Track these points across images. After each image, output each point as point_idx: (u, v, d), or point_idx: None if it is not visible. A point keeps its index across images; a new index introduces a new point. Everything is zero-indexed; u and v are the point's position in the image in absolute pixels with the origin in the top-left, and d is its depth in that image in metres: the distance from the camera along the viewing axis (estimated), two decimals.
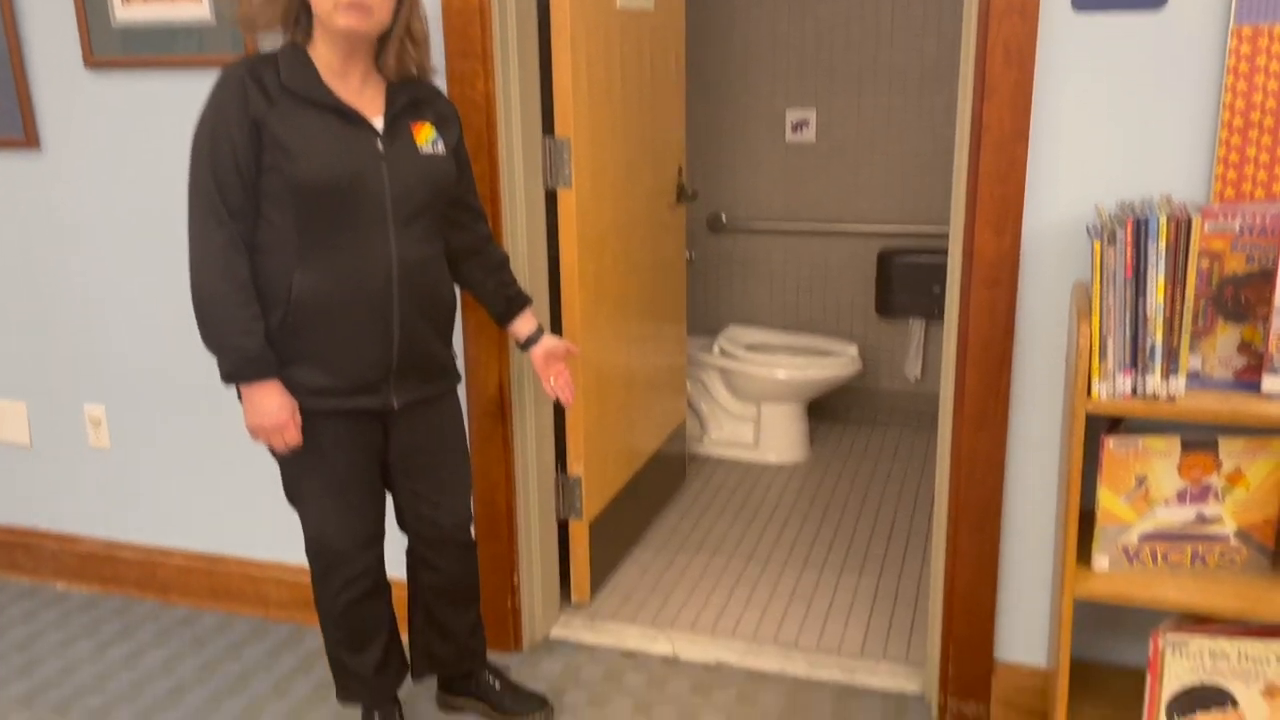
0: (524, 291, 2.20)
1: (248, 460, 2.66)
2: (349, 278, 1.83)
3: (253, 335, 1.81)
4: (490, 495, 2.46)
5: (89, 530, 2.89)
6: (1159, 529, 1.77)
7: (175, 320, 2.62)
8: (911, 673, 2.43)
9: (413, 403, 1.98)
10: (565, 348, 2.22)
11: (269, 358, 1.83)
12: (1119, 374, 1.70)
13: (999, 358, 2.03)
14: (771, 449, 3.81)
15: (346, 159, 1.79)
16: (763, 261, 4.22)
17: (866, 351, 4.16)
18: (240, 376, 1.83)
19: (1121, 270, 1.66)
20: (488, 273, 2.12)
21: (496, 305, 2.16)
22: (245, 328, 1.80)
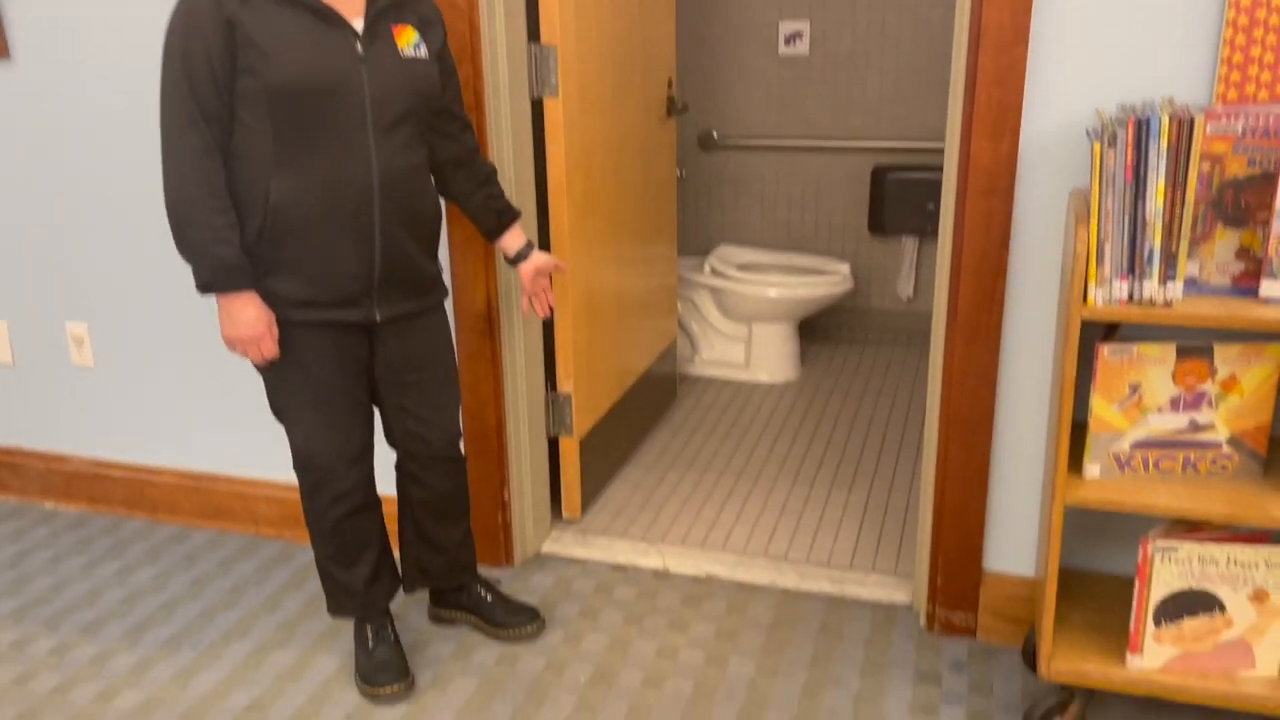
0: (513, 205, 2.15)
1: (235, 377, 2.63)
2: (328, 185, 1.78)
3: (228, 244, 1.77)
4: (479, 412, 2.45)
5: (76, 449, 2.87)
6: (1151, 436, 1.76)
7: (156, 235, 2.56)
8: (900, 584, 2.44)
9: (397, 317, 1.95)
10: (554, 264, 2.19)
11: (245, 267, 1.79)
12: (1115, 280, 1.67)
13: (994, 268, 2.00)
14: (762, 368, 3.80)
15: (323, 61, 1.73)
16: (754, 179, 4.16)
17: (859, 270, 4.13)
18: (216, 286, 1.79)
19: (1121, 173, 1.62)
20: (475, 185, 2.07)
21: (485, 219, 2.11)
22: (220, 236, 1.76)
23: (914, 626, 2.29)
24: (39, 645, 2.30)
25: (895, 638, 2.25)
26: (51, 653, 2.27)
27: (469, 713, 2.05)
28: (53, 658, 2.26)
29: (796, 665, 2.16)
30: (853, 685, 2.10)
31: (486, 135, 2.26)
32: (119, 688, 2.15)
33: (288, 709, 2.07)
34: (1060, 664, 1.84)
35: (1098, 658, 1.85)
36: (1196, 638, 1.78)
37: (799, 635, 2.26)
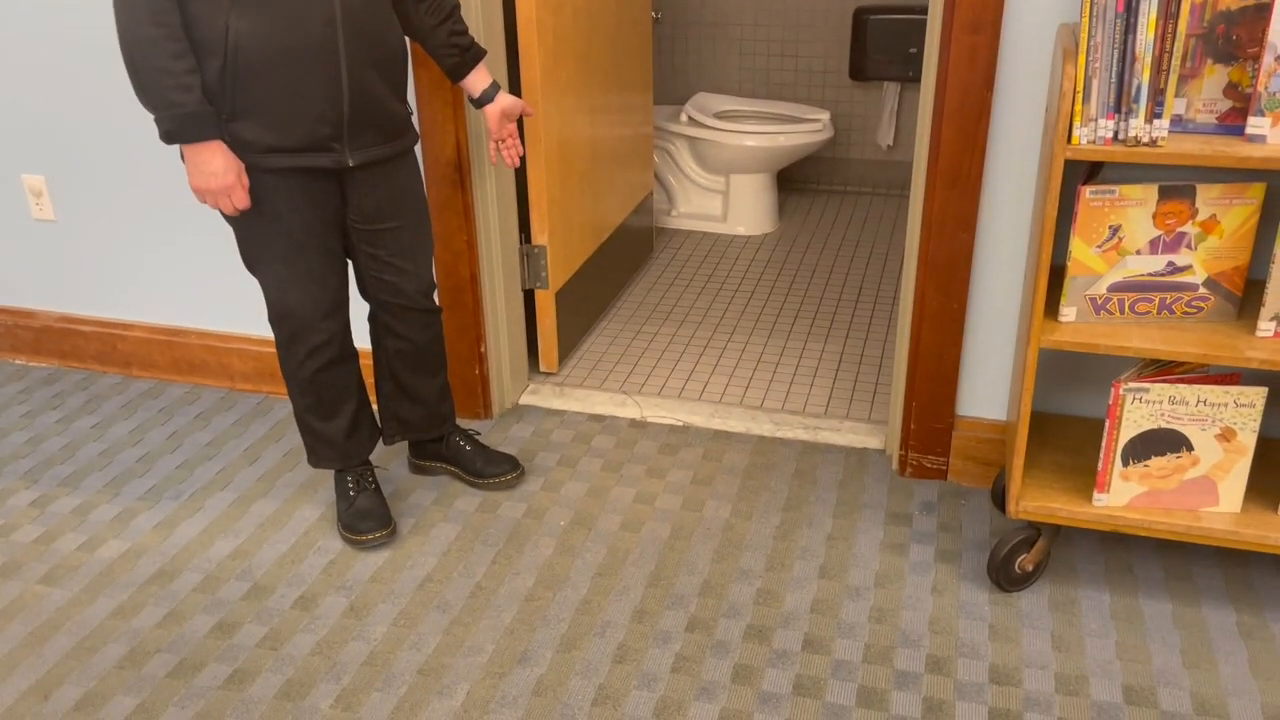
0: (477, 43, 2.06)
1: (202, 229, 2.57)
2: (289, 22, 1.70)
3: (190, 90, 1.69)
4: (452, 264, 2.41)
5: (43, 305, 2.82)
6: (1128, 278, 1.76)
7: (113, 80, 2.45)
8: (874, 430, 2.48)
9: (369, 162, 1.89)
10: (522, 107, 2.11)
11: (209, 114, 1.72)
12: (1101, 118, 1.63)
13: (977, 109, 1.95)
14: (740, 221, 3.75)
15: None
16: (733, 23, 4.01)
17: (838, 119, 4.04)
18: (180, 136, 1.72)
19: (1113, 4, 1.57)
20: (438, 19, 1.97)
21: (448, 57, 2.02)
22: (181, 82, 1.68)
23: (886, 470, 2.33)
24: (20, 498, 2.31)
25: (868, 481, 2.29)
26: (32, 505, 2.29)
27: (451, 557, 2.09)
28: (34, 509, 2.27)
29: (770, 508, 2.21)
30: (825, 526, 2.15)
31: None
32: (103, 537, 2.17)
33: (271, 555, 2.11)
34: (1028, 502, 1.88)
35: (1065, 496, 1.89)
36: (1162, 475, 1.82)
37: (773, 480, 2.30)
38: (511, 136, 2.11)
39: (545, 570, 2.05)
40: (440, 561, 2.08)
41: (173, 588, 2.02)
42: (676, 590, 1.98)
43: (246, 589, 2.02)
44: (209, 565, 2.08)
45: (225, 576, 2.05)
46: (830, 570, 2.03)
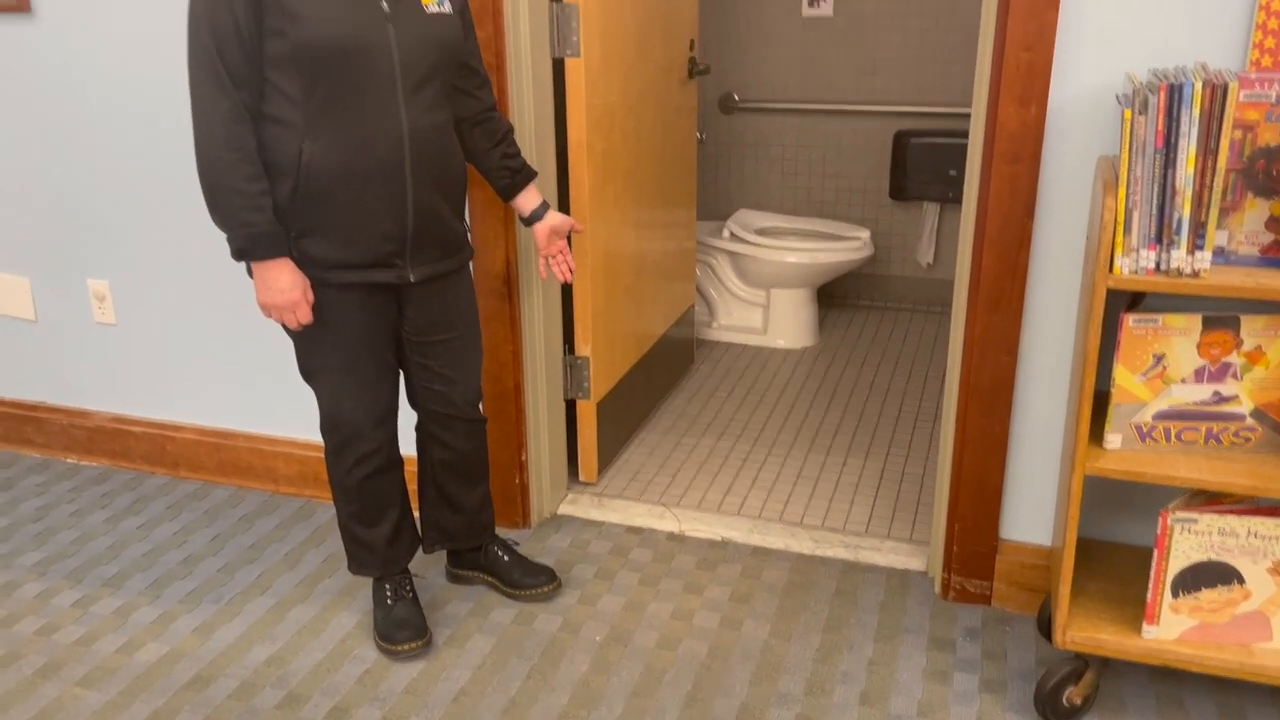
0: (529, 164, 2.14)
1: (255, 335, 2.64)
2: (360, 146, 1.78)
3: (261, 211, 1.76)
4: (498, 374, 2.45)
5: (98, 405, 2.90)
6: (1174, 407, 1.75)
7: (178, 192, 2.56)
8: (916, 551, 2.45)
9: (429, 277, 1.95)
10: (570, 224, 2.18)
11: (279, 234, 1.79)
12: (1143, 249, 1.65)
13: (1018, 236, 1.98)
14: (780, 334, 3.79)
15: (351, 20, 1.72)
16: (775, 143, 4.12)
17: (879, 236, 4.10)
18: (251, 254, 1.79)
19: (1152, 139, 1.60)
20: (492, 143, 2.06)
21: (500, 177, 2.10)
22: (254, 203, 1.76)
23: (929, 593, 2.29)
24: (64, 598, 2.34)
25: (910, 604, 2.26)
26: (75, 605, 2.31)
27: (486, 670, 2.07)
28: (76, 610, 2.29)
29: (810, 629, 2.18)
30: (866, 650, 2.11)
31: (507, 95, 2.25)
32: (142, 640, 2.18)
33: (307, 663, 2.10)
34: (1076, 632, 1.84)
35: (1113, 627, 1.85)
36: (1213, 609, 1.78)
37: (813, 600, 2.27)
38: (561, 252, 2.17)
39: (580, 688, 2.02)
40: (475, 675, 2.06)
41: (208, 694, 2.02)
42: (714, 714, 1.95)
43: (281, 697, 2.01)
44: (245, 672, 2.08)
45: (261, 684, 2.05)
46: (872, 697, 1.98)
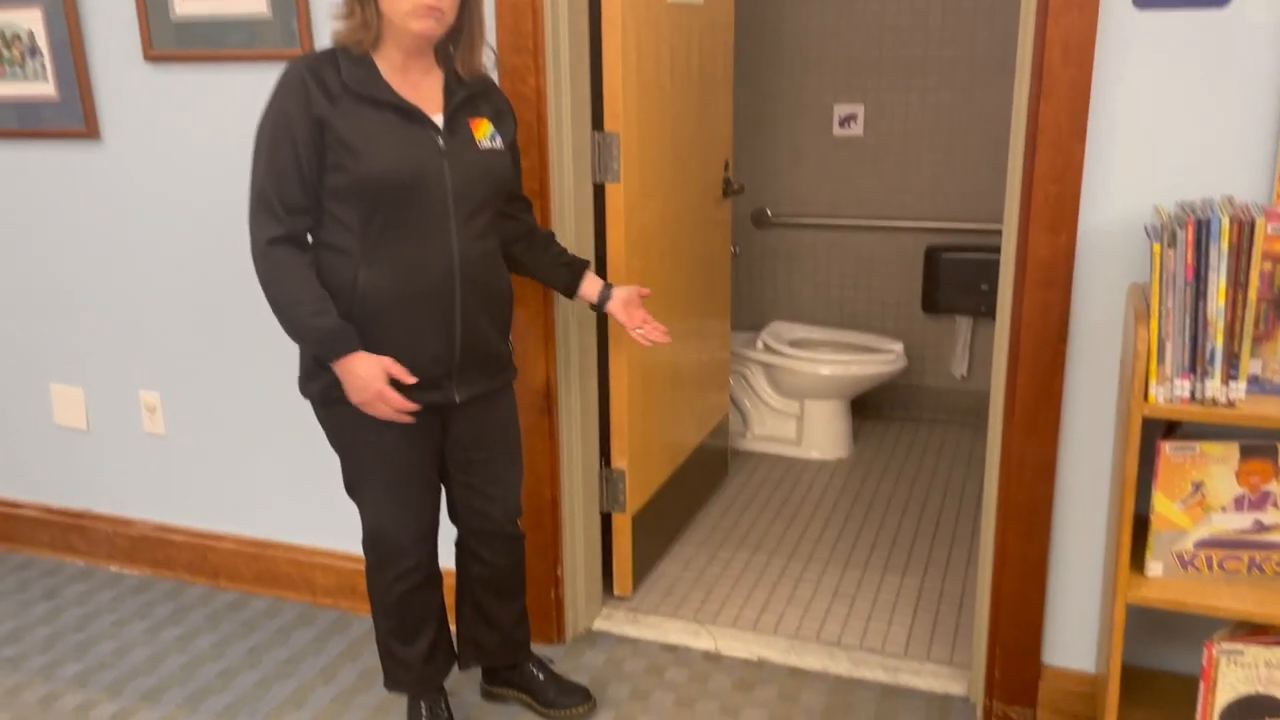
0: (579, 256, 2.22)
1: (297, 447, 2.69)
2: (412, 273, 1.85)
3: (326, 314, 1.82)
4: (535, 487, 2.48)
5: (142, 513, 2.95)
6: (1215, 536, 1.75)
7: (230, 310, 2.66)
8: (956, 675, 2.41)
9: (474, 397, 2.00)
10: (638, 290, 2.23)
11: (348, 331, 1.83)
12: (1177, 378, 1.67)
13: (1051, 360, 2.01)
14: (814, 445, 3.80)
15: (409, 156, 1.81)
16: (808, 256, 4.20)
17: (912, 348, 4.13)
18: (327, 354, 1.84)
19: (1182, 273, 1.64)
20: (541, 250, 2.15)
21: (559, 276, 2.17)
22: (316, 308, 1.82)
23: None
24: (102, 710, 2.35)
25: None
26: (113, 718, 2.32)
27: None
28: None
29: None
30: None
31: (550, 219, 2.33)
32: None
33: None
34: None
35: None
36: None
37: None
38: (645, 321, 2.20)
39: None
40: None
41: None
42: None
43: None
44: None
45: None
46: None
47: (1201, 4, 1.81)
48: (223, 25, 2.44)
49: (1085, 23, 1.87)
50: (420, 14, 1.77)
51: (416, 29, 1.78)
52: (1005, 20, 3.72)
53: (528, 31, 2.22)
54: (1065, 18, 1.88)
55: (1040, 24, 1.91)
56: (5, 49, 2.67)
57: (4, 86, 2.69)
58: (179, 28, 2.48)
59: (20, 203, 2.79)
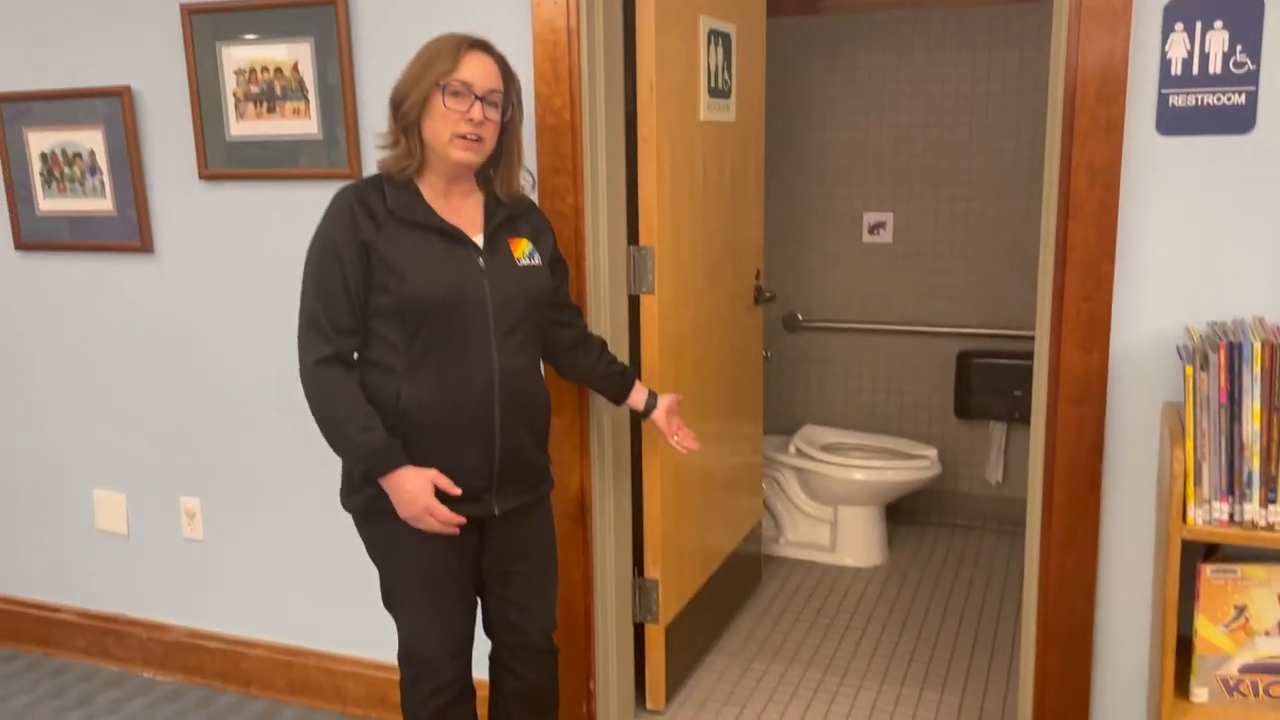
0: (627, 366, 2.31)
1: (333, 558, 2.71)
2: (454, 389, 1.90)
3: (373, 430, 1.86)
4: (569, 598, 2.48)
5: (177, 619, 2.96)
6: (1260, 660, 1.71)
7: (272, 419, 2.71)
8: None
9: (512, 509, 2.02)
10: (677, 400, 2.32)
11: (394, 445, 1.87)
12: (1215, 500, 1.67)
13: (1088, 477, 2.00)
14: (849, 552, 3.76)
15: (451, 277, 1.87)
16: (839, 360, 4.22)
17: (945, 454, 4.10)
18: (375, 470, 1.87)
19: (1215, 395, 1.64)
20: (595, 359, 2.21)
21: (610, 384, 2.24)
22: (364, 424, 1.86)
23: None
24: None
25: None
26: None
27: None
28: None
29: None
30: None
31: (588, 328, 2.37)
32: None
33: None
34: None
35: None
36: None
37: None
38: (681, 429, 2.29)
39: None
40: None
41: None
42: None
43: None
44: None
45: None
46: None
47: (1225, 130, 1.85)
48: (275, 145, 2.55)
49: (1110, 147, 1.92)
50: (461, 144, 1.85)
51: (457, 158, 1.86)
52: (1031, 130, 3.79)
53: (567, 153, 2.30)
54: (1091, 142, 1.93)
55: (1066, 147, 1.96)
56: (67, 166, 2.79)
57: (63, 201, 2.81)
58: (232, 147, 2.59)
59: (71, 311, 2.88)
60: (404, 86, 1.87)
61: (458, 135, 1.84)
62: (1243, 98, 1.84)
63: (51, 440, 3.00)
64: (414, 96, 1.85)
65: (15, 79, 2.77)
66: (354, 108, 2.44)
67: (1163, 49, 1.88)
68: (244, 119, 2.56)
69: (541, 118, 2.29)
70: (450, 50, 1.85)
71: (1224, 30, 1.83)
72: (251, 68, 2.52)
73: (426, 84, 1.84)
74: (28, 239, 2.87)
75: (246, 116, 2.56)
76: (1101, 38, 1.89)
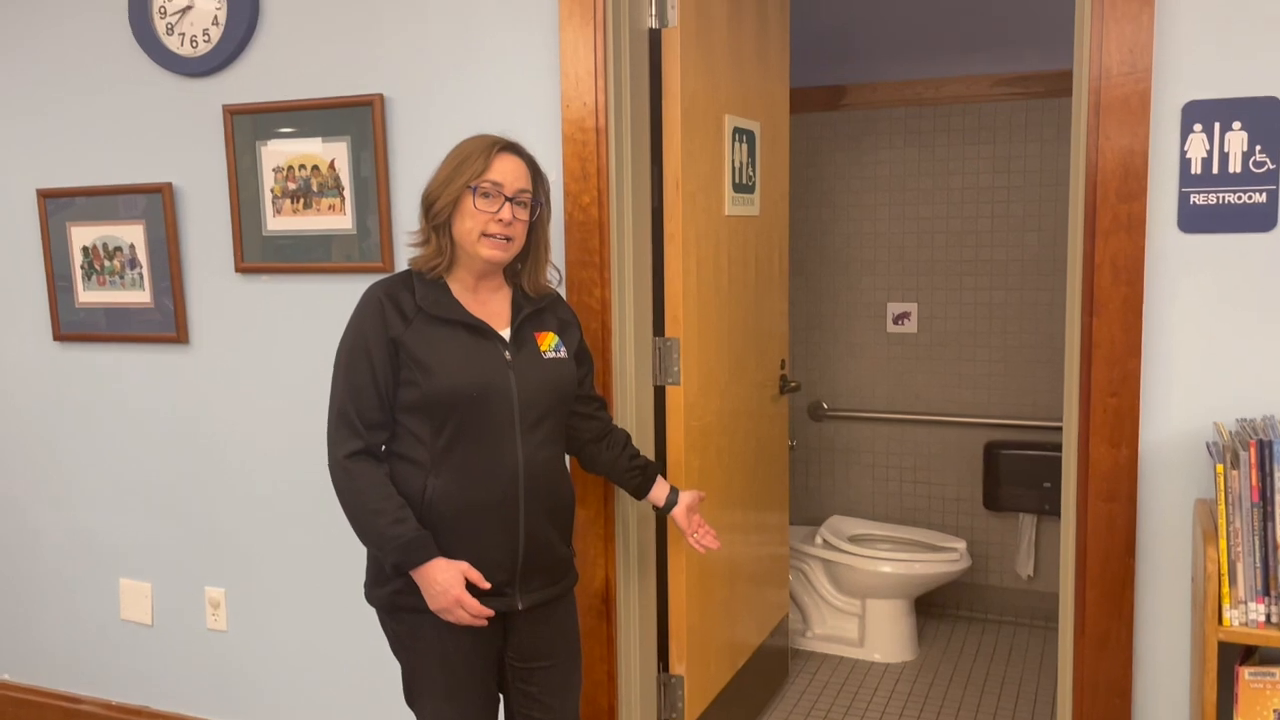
0: (650, 460, 2.28)
1: (353, 650, 2.69)
2: (479, 482, 1.91)
3: (404, 523, 1.86)
4: (592, 694, 2.44)
5: (199, 710, 2.94)
6: None
7: (298, 511, 2.72)
8: None
9: (536, 604, 2.01)
10: (699, 496, 2.28)
11: (426, 538, 1.87)
12: (1251, 601, 1.64)
13: (1120, 575, 1.97)
14: (877, 647, 3.69)
15: (478, 371, 1.90)
16: (865, 450, 4.20)
17: (975, 545, 4.05)
18: (407, 563, 1.87)
19: (1247, 494, 1.63)
20: (618, 452, 2.20)
21: (632, 479, 2.22)
22: (395, 516, 1.86)
23: None
24: None
25: None
26: None
27: None
28: None
29: None
30: None
31: (613, 420, 2.38)
32: None
33: None
34: None
35: None
36: None
37: None
38: (700, 526, 2.24)
39: None
40: None
41: None
42: None
43: None
44: None
45: None
46: None
47: (1247, 228, 1.87)
48: (309, 239, 2.61)
49: (1133, 244, 1.93)
50: (490, 243, 1.90)
51: (487, 255, 1.90)
52: (1054, 222, 3.82)
53: (594, 248, 2.34)
54: (1113, 239, 1.94)
55: (1088, 243, 1.98)
56: (107, 259, 2.87)
57: (102, 294, 2.88)
58: (267, 241, 2.66)
59: (106, 401, 2.93)
60: (436, 187, 1.93)
61: (487, 234, 1.89)
62: (1263, 196, 1.86)
63: (81, 528, 3.02)
64: (445, 197, 1.90)
65: (62, 175, 2.87)
66: (388, 202, 2.51)
67: (1182, 148, 1.90)
68: (280, 214, 2.63)
69: (570, 214, 2.34)
70: (482, 152, 1.90)
71: (1243, 131, 1.86)
72: (290, 165, 2.60)
73: (458, 185, 1.89)
74: (66, 330, 2.94)
75: (283, 212, 2.63)
76: (1121, 137, 1.93)
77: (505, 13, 2.36)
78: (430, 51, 2.44)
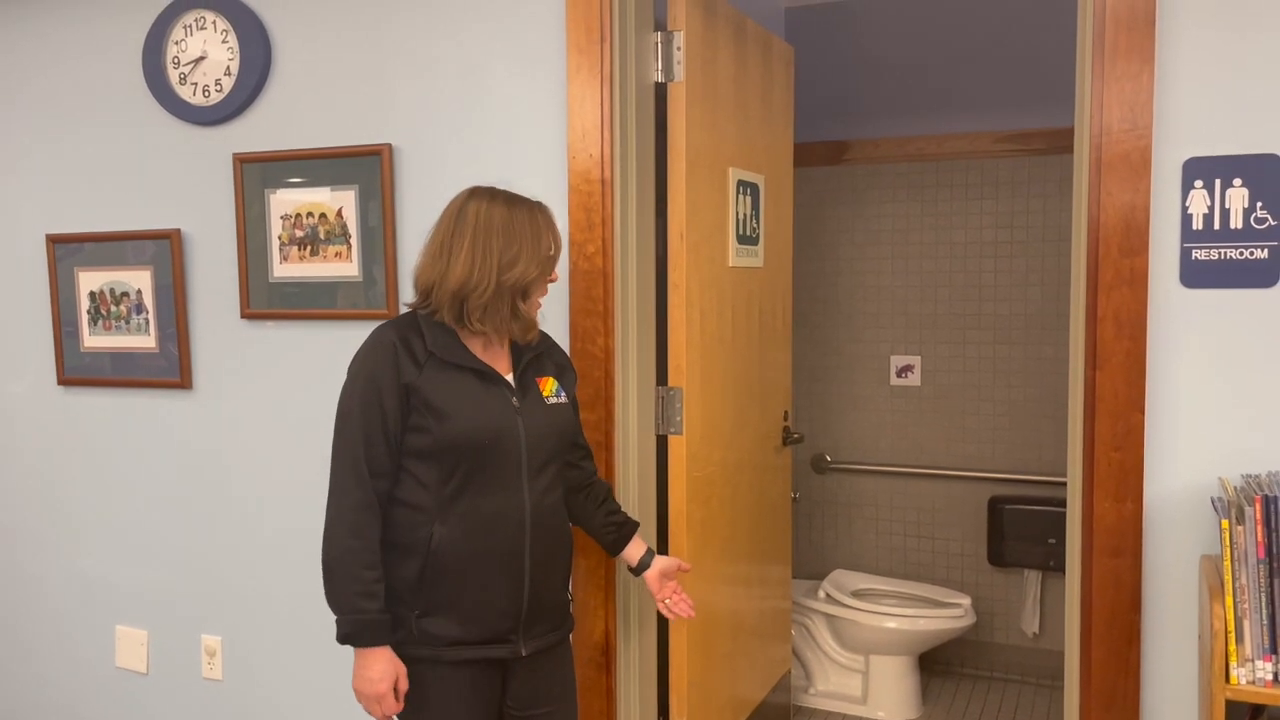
0: (631, 517, 2.24)
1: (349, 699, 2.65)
2: (485, 528, 1.90)
3: (374, 599, 1.86)
4: None
5: None
6: None
7: (300, 559, 2.70)
8: None
9: (538, 650, 2.00)
10: (677, 564, 2.23)
11: (384, 623, 1.87)
12: (1259, 659, 1.61)
13: (1126, 632, 1.95)
14: (881, 704, 3.64)
15: (489, 416, 1.90)
16: (869, 503, 4.18)
17: (980, 602, 4.00)
18: (356, 640, 1.87)
19: (1253, 550, 1.61)
20: (596, 505, 2.18)
21: (608, 533, 2.19)
22: (367, 590, 1.85)
23: None
24: None
25: None
26: None
27: None
28: None
29: None
30: None
31: (615, 469, 2.38)
32: None
33: None
34: None
35: None
36: None
37: None
38: (675, 593, 2.20)
39: None
40: None
41: None
42: None
43: None
44: None
45: None
46: None
47: (1249, 284, 1.87)
48: (316, 286, 2.62)
49: (1136, 299, 1.94)
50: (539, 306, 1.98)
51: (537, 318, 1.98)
52: (1056, 277, 3.84)
53: (598, 297, 2.35)
54: (1115, 293, 1.95)
55: (1091, 298, 1.98)
56: (114, 304, 2.88)
57: (107, 338, 2.89)
58: (274, 287, 2.67)
59: (108, 446, 2.92)
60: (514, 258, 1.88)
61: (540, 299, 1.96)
62: (1265, 252, 1.86)
63: (79, 574, 3.00)
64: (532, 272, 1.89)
65: (71, 220, 2.89)
66: (394, 250, 2.53)
67: (1183, 204, 1.92)
68: (287, 261, 2.65)
69: (575, 263, 2.35)
70: (548, 226, 1.95)
71: (1244, 187, 1.88)
72: (297, 213, 2.63)
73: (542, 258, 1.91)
74: (70, 374, 2.95)
75: (290, 259, 2.65)
76: (1122, 193, 1.94)
77: (513, 66, 2.40)
78: (439, 103, 2.48)
